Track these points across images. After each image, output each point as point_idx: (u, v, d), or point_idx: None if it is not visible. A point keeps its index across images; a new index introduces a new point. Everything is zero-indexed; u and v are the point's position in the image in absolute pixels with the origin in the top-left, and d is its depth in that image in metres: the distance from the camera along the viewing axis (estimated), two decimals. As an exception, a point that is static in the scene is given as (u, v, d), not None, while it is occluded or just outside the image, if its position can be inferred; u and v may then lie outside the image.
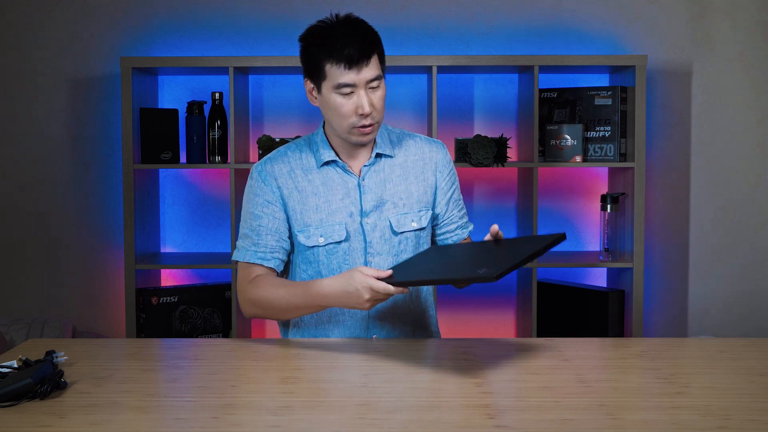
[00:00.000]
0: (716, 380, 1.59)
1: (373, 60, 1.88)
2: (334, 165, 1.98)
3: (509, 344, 1.89)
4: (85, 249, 3.31)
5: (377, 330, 2.00)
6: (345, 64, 1.85)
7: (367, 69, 1.87)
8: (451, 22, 3.29)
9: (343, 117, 1.89)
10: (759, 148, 3.31)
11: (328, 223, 1.96)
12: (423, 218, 2.02)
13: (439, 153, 2.06)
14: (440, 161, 2.06)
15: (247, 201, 2.00)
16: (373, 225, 1.97)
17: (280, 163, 1.99)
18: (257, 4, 3.27)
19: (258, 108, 3.30)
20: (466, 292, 3.33)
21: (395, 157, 2.02)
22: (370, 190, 1.98)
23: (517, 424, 1.35)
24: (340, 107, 1.88)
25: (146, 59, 3.00)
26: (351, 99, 1.88)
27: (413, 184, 2.02)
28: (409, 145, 2.05)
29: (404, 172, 2.02)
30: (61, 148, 3.29)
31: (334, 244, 1.96)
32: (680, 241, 3.33)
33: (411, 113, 3.30)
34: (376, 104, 1.90)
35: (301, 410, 1.42)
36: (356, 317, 1.98)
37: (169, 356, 1.83)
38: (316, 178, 1.97)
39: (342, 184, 1.98)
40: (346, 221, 1.96)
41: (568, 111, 3.14)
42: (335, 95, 1.88)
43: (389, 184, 2.00)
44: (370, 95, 1.89)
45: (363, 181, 1.98)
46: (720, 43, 3.28)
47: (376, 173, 2.00)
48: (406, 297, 2.02)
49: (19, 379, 1.45)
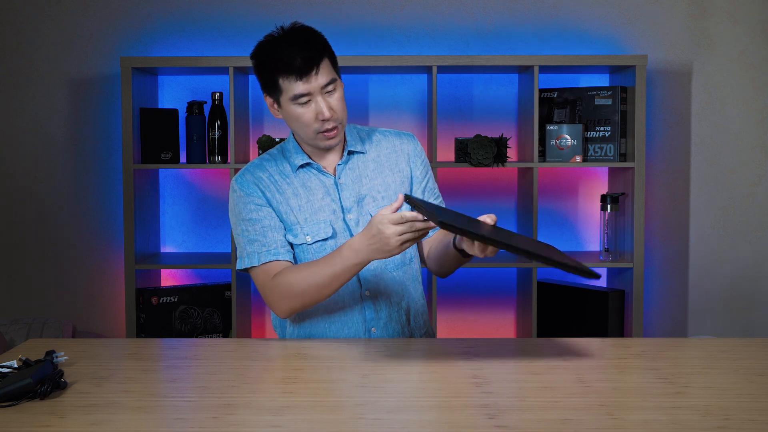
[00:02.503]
0: (716, 380, 1.59)
1: (324, 65, 1.91)
2: (308, 168, 2.02)
3: (509, 344, 1.89)
4: (85, 249, 3.31)
5: (374, 323, 2.00)
6: (296, 75, 1.88)
7: (318, 76, 1.90)
8: (451, 22, 3.29)
9: (306, 125, 1.93)
10: (759, 148, 3.31)
11: (312, 221, 1.98)
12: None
13: (410, 144, 2.10)
14: (412, 152, 2.09)
15: (237, 213, 1.99)
16: (356, 220, 2.00)
17: (258, 172, 2.01)
18: (257, 4, 3.27)
19: (258, 108, 3.30)
20: (467, 292, 3.33)
21: (367, 153, 2.06)
22: (348, 187, 2.01)
23: (517, 424, 1.35)
24: (300, 117, 1.92)
25: (146, 59, 3.00)
26: (309, 107, 1.91)
27: (389, 177, 2.05)
28: (380, 140, 2.09)
29: (378, 166, 2.05)
30: (61, 148, 3.29)
31: (321, 242, 1.98)
32: (680, 241, 3.33)
33: (411, 113, 3.30)
34: (335, 107, 1.93)
35: (301, 410, 1.42)
36: (353, 310, 1.99)
37: (169, 356, 1.83)
38: (295, 181, 2.01)
39: (320, 185, 2.01)
40: (330, 218, 1.99)
41: (568, 111, 3.14)
42: (293, 106, 1.92)
43: (365, 179, 2.03)
44: (328, 99, 1.92)
45: (339, 179, 2.02)
46: (720, 43, 3.28)
47: (350, 170, 2.03)
48: (401, 286, 2.03)
49: (19, 379, 1.45)
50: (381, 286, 2.02)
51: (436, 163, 3.02)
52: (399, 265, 2.04)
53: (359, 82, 3.30)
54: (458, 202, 3.29)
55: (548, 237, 3.32)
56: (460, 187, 3.31)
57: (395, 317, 2.03)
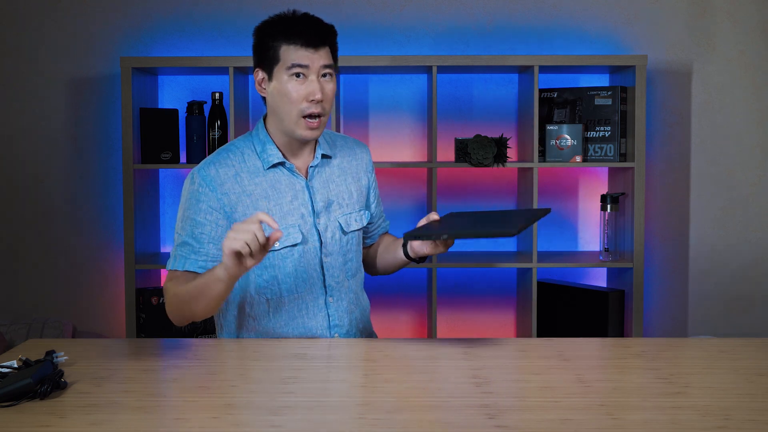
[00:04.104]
0: (716, 380, 1.59)
1: (328, 50, 1.92)
2: (280, 167, 1.97)
3: (509, 344, 1.90)
4: (85, 249, 3.31)
5: (338, 329, 2.01)
6: (301, 43, 1.87)
7: (321, 53, 1.89)
8: (451, 22, 3.29)
9: (293, 102, 1.88)
10: (759, 148, 3.31)
11: (282, 226, 1.93)
12: (363, 218, 2.08)
13: (367, 155, 2.14)
14: (368, 162, 2.13)
15: (187, 206, 1.93)
16: (324, 225, 1.99)
17: (225, 167, 1.94)
18: (257, 4, 3.27)
19: (258, 108, 3.30)
20: (467, 292, 3.33)
21: (333, 158, 2.06)
22: (318, 191, 2.00)
23: (517, 424, 1.35)
24: (290, 92, 1.88)
25: (146, 59, 3.00)
26: (303, 84, 1.89)
27: (352, 185, 2.07)
28: (342, 146, 2.09)
29: (342, 172, 2.06)
30: (61, 148, 3.29)
31: (289, 248, 1.94)
32: (680, 241, 3.33)
33: (411, 113, 3.30)
34: (327, 94, 1.91)
35: (301, 410, 1.42)
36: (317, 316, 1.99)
37: (169, 356, 1.83)
38: (264, 181, 1.95)
39: (290, 186, 1.97)
40: (299, 223, 1.96)
41: (568, 111, 3.14)
42: (287, 79, 1.88)
43: (332, 184, 2.03)
44: (323, 84, 1.90)
45: (310, 182, 1.99)
46: (720, 43, 3.28)
47: (320, 174, 2.01)
48: (355, 294, 2.05)
49: (19, 379, 1.45)
50: (342, 294, 2.03)
51: (436, 163, 3.02)
52: (354, 273, 2.06)
53: (359, 82, 3.30)
54: (458, 202, 3.29)
55: (548, 237, 3.32)
56: (460, 187, 3.31)
57: (354, 323, 2.05)
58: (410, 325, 3.36)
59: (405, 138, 3.30)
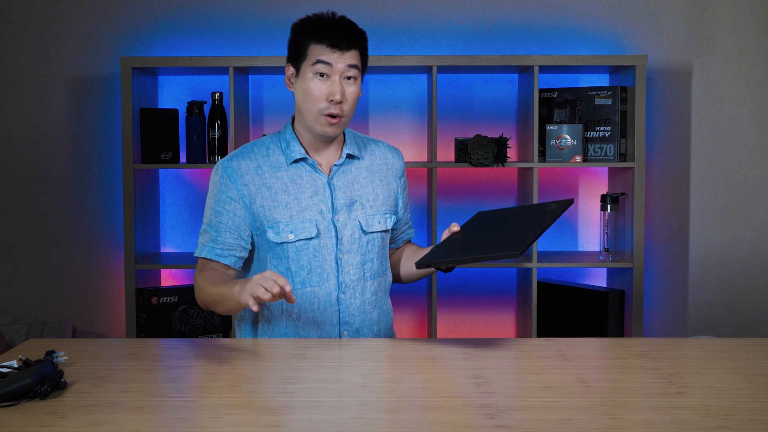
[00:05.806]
0: (716, 380, 1.59)
1: (355, 52, 1.97)
2: (303, 163, 2.02)
3: (509, 344, 1.90)
4: (85, 249, 3.31)
5: (347, 326, 2.03)
6: (328, 43, 1.94)
7: (347, 56, 1.94)
8: (451, 22, 3.29)
9: (314, 100, 1.95)
10: (759, 148, 3.31)
11: (298, 219, 1.99)
12: (388, 221, 2.09)
13: (400, 161, 2.16)
14: (399, 168, 2.15)
15: (210, 196, 2.03)
16: (344, 223, 2.02)
17: (247, 160, 2.02)
18: (257, 4, 3.27)
19: (258, 108, 3.30)
20: (467, 292, 3.33)
21: (362, 159, 2.08)
22: (340, 189, 2.03)
23: (517, 424, 1.35)
24: (312, 90, 1.95)
25: (146, 59, 3.00)
26: (325, 83, 1.94)
27: (379, 188, 2.09)
28: (374, 150, 2.12)
29: (370, 174, 2.08)
30: (61, 148, 3.29)
31: (304, 241, 1.99)
32: (680, 241, 3.33)
33: (411, 113, 3.30)
34: (348, 97, 1.96)
35: (301, 410, 1.42)
36: (327, 311, 2.00)
37: (169, 356, 1.83)
38: (285, 176, 2.01)
39: (311, 182, 2.01)
40: (316, 218, 2.00)
41: (568, 111, 3.14)
42: (311, 76, 1.94)
43: (357, 185, 2.06)
44: (345, 86, 1.95)
45: (332, 179, 2.03)
46: (720, 43, 3.28)
47: (344, 174, 2.05)
48: (374, 296, 2.06)
49: (19, 379, 1.45)
50: (357, 293, 2.03)
51: (437, 163, 3.03)
52: (375, 275, 2.07)
53: (359, 82, 3.30)
54: (458, 202, 3.29)
55: (548, 237, 3.32)
56: (460, 187, 3.31)
57: (367, 324, 2.05)
58: (410, 325, 3.36)
59: (405, 138, 3.30)
